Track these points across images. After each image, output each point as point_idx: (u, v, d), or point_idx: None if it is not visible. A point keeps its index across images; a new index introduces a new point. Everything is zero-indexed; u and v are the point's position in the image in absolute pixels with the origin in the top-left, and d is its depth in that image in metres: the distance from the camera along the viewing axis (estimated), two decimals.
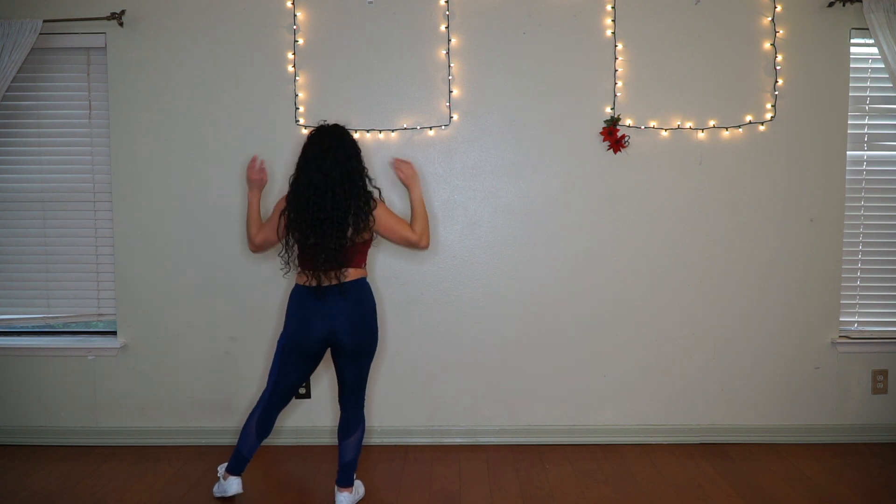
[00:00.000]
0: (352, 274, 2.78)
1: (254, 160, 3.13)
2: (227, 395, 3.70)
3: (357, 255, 2.80)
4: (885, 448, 3.62)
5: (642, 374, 3.68)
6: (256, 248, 3.04)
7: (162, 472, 3.36)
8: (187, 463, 3.47)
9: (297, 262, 2.81)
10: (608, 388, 3.69)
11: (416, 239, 2.92)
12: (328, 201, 2.67)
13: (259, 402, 2.94)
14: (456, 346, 3.68)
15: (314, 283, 2.74)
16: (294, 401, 3.68)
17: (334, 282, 2.74)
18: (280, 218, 2.79)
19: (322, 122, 2.84)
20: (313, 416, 3.69)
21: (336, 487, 2.93)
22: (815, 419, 3.70)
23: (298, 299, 2.81)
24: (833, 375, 3.69)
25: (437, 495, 3.12)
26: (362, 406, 2.94)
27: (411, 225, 2.95)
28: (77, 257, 3.72)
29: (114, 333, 3.75)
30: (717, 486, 3.18)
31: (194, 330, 3.67)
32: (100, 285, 3.73)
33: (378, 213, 2.81)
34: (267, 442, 3.67)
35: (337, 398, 3.00)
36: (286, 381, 2.88)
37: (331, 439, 3.65)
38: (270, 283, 3.63)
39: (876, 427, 3.70)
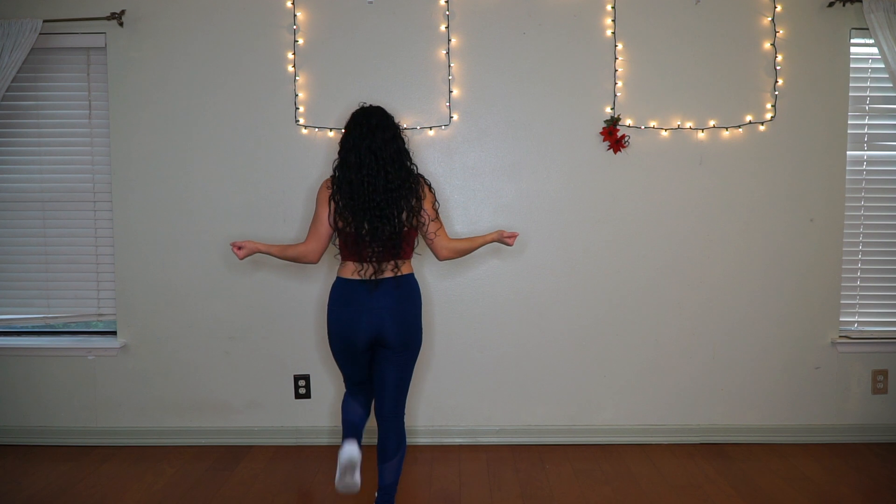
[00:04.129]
0: (401, 267, 2.59)
1: (234, 250, 2.71)
2: (227, 395, 3.70)
3: (408, 245, 2.61)
4: (885, 448, 3.62)
5: (642, 374, 3.68)
6: (317, 254, 2.67)
7: (162, 472, 3.36)
8: (187, 463, 3.47)
9: (341, 251, 2.61)
10: (608, 388, 3.69)
11: (445, 244, 2.69)
12: (381, 182, 2.48)
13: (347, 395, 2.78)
14: (456, 346, 3.68)
15: (369, 276, 2.54)
16: (294, 401, 3.69)
17: (390, 274, 2.56)
18: (329, 204, 2.58)
19: (363, 104, 2.67)
20: (313, 416, 3.69)
21: None
22: (815, 419, 3.70)
23: (343, 294, 2.59)
24: (833, 375, 3.69)
25: (437, 495, 3.12)
26: (403, 418, 2.71)
27: (446, 233, 2.73)
28: (77, 257, 3.72)
29: (114, 333, 3.75)
30: (717, 486, 3.18)
31: (194, 330, 3.67)
32: (100, 285, 3.73)
33: (429, 198, 2.63)
34: (267, 441, 3.68)
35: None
36: (358, 376, 2.71)
37: (330, 439, 3.65)
38: (271, 283, 3.63)
39: (876, 427, 3.70)
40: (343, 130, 2.63)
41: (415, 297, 2.65)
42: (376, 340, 2.61)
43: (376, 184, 2.49)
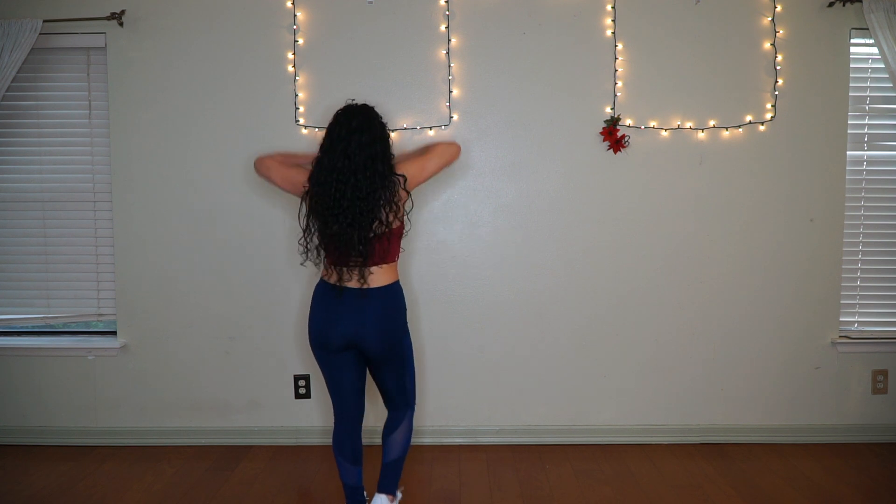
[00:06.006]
0: (378, 276, 2.54)
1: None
2: (227, 395, 3.70)
3: (384, 250, 2.54)
4: (885, 448, 3.62)
5: (642, 374, 3.68)
6: (268, 168, 2.74)
7: (162, 472, 3.36)
8: (187, 463, 3.47)
9: (318, 253, 2.57)
10: (608, 388, 3.69)
11: (446, 149, 2.76)
12: (349, 188, 2.43)
13: (335, 425, 2.73)
14: (456, 346, 3.68)
15: (345, 281, 2.51)
16: (294, 401, 3.69)
17: (356, 284, 2.51)
18: (301, 202, 2.56)
19: (350, 101, 2.62)
20: (313, 416, 3.69)
21: (377, 492, 2.72)
22: (815, 419, 3.70)
23: (320, 298, 2.58)
24: (833, 375, 3.69)
25: (437, 495, 3.12)
26: (413, 404, 2.72)
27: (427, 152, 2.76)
28: (77, 257, 3.72)
29: (114, 333, 3.75)
30: (717, 486, 3.18)
31: (194, 330, 3.67)
32: (100, 285, 3.73)
33: (402, 205, 2.57)
34: (267, 441, 3.68)
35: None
36: (341, 388, 2.63)
37: (329, 439, 3.65)
38: (271, 283, 3.63)
39: (876, 427, 3.70)
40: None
41: (390, 307, 2.58)
42: (356, 346, 2.56)
43: (345, 190, 2.44)
